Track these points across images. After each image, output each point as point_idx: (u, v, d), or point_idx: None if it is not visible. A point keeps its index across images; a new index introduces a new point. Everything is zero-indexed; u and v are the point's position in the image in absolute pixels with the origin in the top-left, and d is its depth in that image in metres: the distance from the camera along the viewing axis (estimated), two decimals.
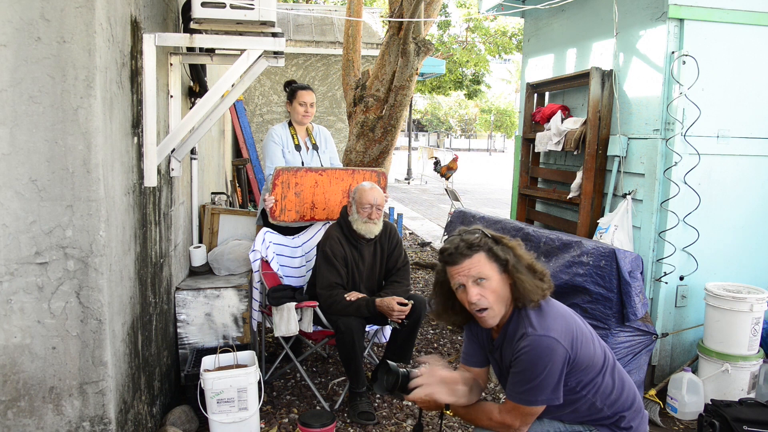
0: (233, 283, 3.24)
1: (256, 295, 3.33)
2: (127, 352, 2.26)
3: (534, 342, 1.69)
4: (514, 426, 1.77)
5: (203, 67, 3.56)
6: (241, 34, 2.68)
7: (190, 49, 3.13)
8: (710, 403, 2.75)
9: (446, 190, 8.55)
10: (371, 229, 3.17)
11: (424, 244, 7.65)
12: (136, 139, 2.39)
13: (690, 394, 3.09)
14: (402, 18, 4.90)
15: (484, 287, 1.76)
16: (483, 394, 2.03)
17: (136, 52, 2.38)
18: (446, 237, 4.25)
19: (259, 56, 2.78)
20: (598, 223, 3.55)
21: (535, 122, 4.37)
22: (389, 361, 1.90)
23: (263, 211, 3.56)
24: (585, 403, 1.81)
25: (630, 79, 3.51)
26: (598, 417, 1.85)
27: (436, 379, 1.81)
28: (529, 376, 1.70)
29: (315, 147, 3.76)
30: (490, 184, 17.41)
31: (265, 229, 3.45)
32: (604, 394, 1.81)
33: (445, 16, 17.49)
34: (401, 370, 1.86)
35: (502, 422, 1.79)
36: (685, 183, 3.23)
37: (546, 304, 1.79)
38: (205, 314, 3.15)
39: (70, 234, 1.95)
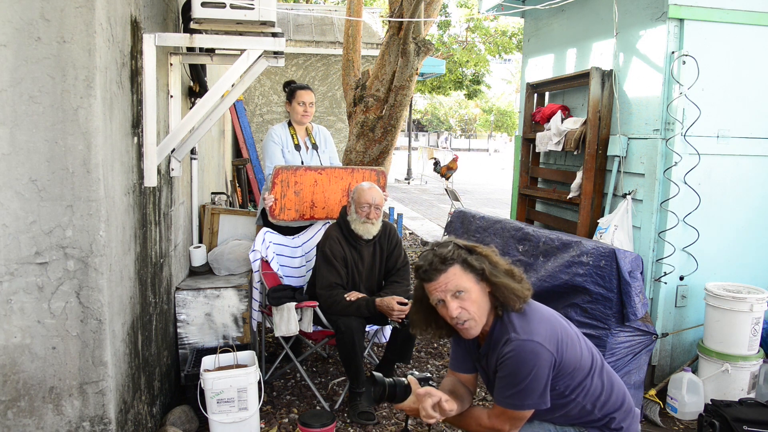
0: (233, 283, 3.24)
1: (256, 295, 3.33)
2: (127, 352, 2.26)
3: (518, 347, 1.68)
4: (504, 430, 1.76)
5: (203, 67, 3.56)
6: (241, 34, 2.68)
7: (190, 49, 3.13)
8: (710, 403, 2.75)
9: (446, 190, 8.56)
10: (369, 230, 3.17)
11: (423, 244, 7.65)
12: (136, 139, 2.39)
13: (690, 394, 3.09)
14: (402, 18, 4.89)
15: (464, 299, 1.74)
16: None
17: (136, 52, 2.38)
18: (445, 236, 4.25)
19: (259, 56, 2.78)
20: (598, 223, 3.55)
21: (535, 122, 4.37)
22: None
23: (263, 210, 3.56)
24: (575, 406, 1.81)
25: (630, 79, 3.51)
26: (588, 419, 1.85)
27: (433, 399, 1.79)
28: (515, 380, 1.69)
29: (315, 147, 3.76)
30: (490, 184, 17.41)
31: (265, 229, 3.45)
32: (594, 396, 1.81)
33: (445, 16, 17.47)
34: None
35: (492, 427, 1.78)
36: (685, 183, 3.23)
37: (529, 309, 1.78)
38: (205, 314, 3.15)
39: (70, 234, 1.95)
